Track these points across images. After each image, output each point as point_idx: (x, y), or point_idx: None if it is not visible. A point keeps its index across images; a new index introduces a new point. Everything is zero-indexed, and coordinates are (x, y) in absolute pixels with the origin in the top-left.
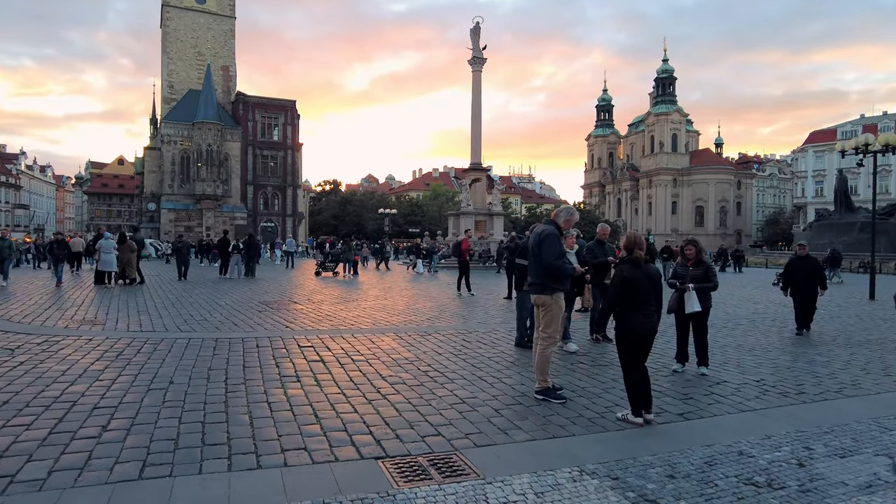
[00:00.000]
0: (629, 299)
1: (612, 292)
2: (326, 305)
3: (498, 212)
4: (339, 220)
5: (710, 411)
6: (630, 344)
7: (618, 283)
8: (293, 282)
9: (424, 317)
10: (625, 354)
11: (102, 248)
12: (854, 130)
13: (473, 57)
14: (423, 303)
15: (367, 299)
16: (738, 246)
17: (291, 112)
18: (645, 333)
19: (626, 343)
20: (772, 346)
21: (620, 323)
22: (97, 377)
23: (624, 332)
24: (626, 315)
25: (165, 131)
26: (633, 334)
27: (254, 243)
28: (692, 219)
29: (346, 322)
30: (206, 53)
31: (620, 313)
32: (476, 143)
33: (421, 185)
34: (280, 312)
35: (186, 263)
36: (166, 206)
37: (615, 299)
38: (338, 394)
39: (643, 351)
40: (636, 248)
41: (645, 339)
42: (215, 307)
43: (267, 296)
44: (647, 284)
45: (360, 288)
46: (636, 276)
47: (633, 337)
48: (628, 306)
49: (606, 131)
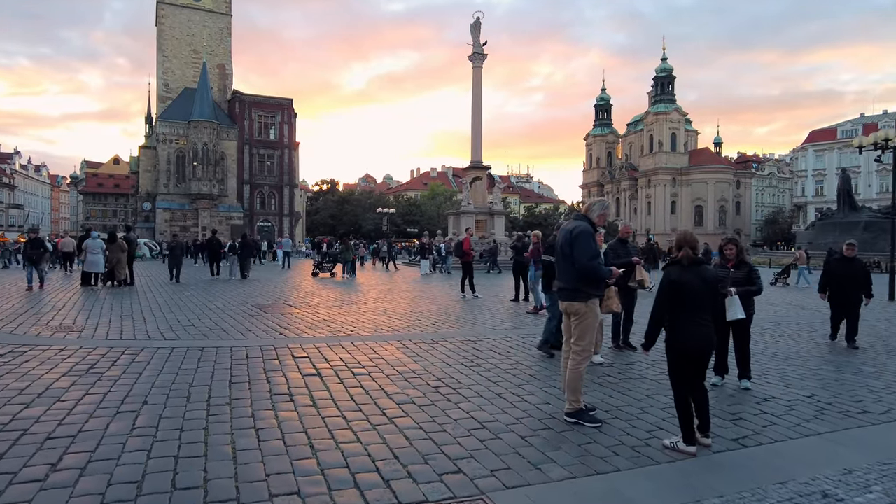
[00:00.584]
0: (679, 306)
1: (659, 299)
2: (324, 309)
3: (499, 211)
4: (336, 220)
5: (768, 435)
6: (681, 359)
7: (665, 288)
8: (289, 283)
9: (429, 321)
10: (676, 371)
11: (89, 248)
12: (854, 129)
13: (474, 53)
14: (426, 306)
15: (367, 302)
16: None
17: (288, 110)
18: (698, 347)
19: (677, 358)
20: (808, 355)
21: (670, 335)
22: (59, 397)
23: (674, 345)
24: (675, 325)
25: (161, 130)
26: (685, 348)
27: (248, 243)
28: (691, 218)
29: (344, 328)
30: (201, 51)
31: (669, 323)
32: (476, 140)
33: (419, 184)
34: (274, 317)
35: (179, 265)
36: (162, 205)
37: (662, 307)
38: (337, 417)
39: (699, 367)
40: (687, 247)
41: (699, 354)
42: (205, 311)
43: (261, 298)
44: (702, 289)
45: (359, 290)
46: (687, 280)
47: (684, 351)
48: (679, 315)
49: (605, 131)
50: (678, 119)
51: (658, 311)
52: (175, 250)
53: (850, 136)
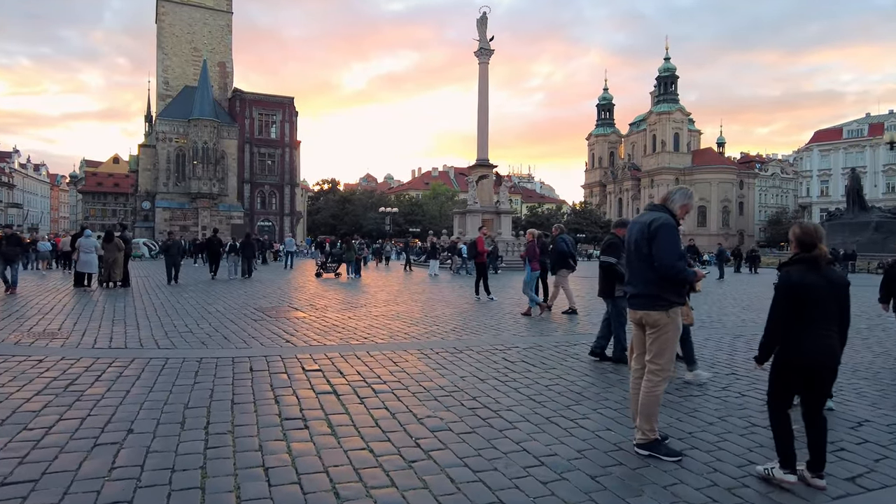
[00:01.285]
0: (799, 314)
1: (779, 306)
2: (332, 313)
3: (506, 210)
4: (337, 220)
5: (882, 471)
6: (796, 375)
7: (787, 293)
8: (292, 284)
9: (448, 327)
10: (780, 388)
11: (82, 246)
12: (860, 129)
13: (480, 48)
14: (441, 309)
15: (377, 304)
16: (754, 246)
17: (289, 109)
18: (820, 362)
19: (788, 373)
20: (874, 366)
21: (784, 345)
22: (26, 424)
23: (787, 359)
24: (793, 335)
25: (160, 128)
26: (802, 362)
27: (250, 242)
28: (695, 219)
29: (357, 334)
30: (202, 49)
31: (786, 333)
32: (483, 137)
33: (420, 184)
34: (279, 322)
35: (177, 265)
36: (161, 204)
37: (783, 315)
38: (362, 450)
39: (819, 386)
40: (817, 243)
41: (819, 370)
42: (204, 315)
43: (263, 301)
44: (828, 294)
45: (366, 291)
46: (812, 283)
47: (801, 366)
48: (798, 323)
49: (607, 130)
50: (681, 119)
51: (777, 321)
52: (171, 249)
53: (856, 136)
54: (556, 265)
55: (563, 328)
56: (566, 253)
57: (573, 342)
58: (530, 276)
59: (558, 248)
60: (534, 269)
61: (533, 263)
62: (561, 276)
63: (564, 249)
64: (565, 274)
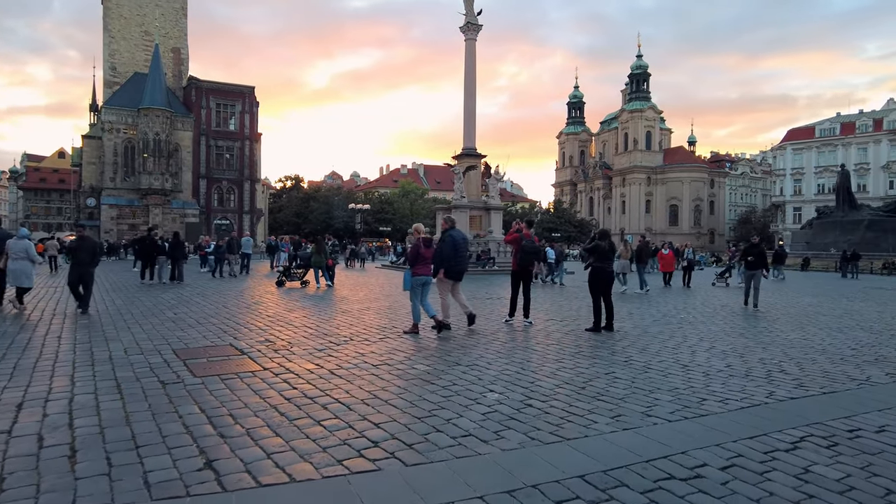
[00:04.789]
0: None
1: None
2: (301, 359)
3: (496, 205)
4: (301, 218)
5: None
6: None
7: None
8: (244, 298)
9: (547, 390)
10: None
11: (11, 251)
12: (833, 128)
13: (467, 23)
14: (470, 345)
15: (371, 334)
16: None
17: (249, 99)
18: None
19: None
20: None
21: None
22: None
23: None
24: None
25: (107, 118)
26: None
27: (180, 243)
28: (666, 218)
29: (361, 427)
30: (153, 33)
31: None
32: (470, 124)
33: (389, 181)
34: (203, 391)
35: (84, 278)
36: (108, 201)
37: None
38: None
39: None
40: None
41: None
42: (73, 372)
43: (194, 330)
44: None
45: (346, 309)
46: None
47: None
48: None
49: (578, 129)
50: (653, 117)
51: None
52: (79, 253)
53: (829, 136)
54: (436, 269)
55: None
56: (442, 256)
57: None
58: (410, 282)
59: (438, 248)
60: (416, 274)
61: (416, 267)
62: (440, 282)
63: (444, 251)
64: (447, 281)
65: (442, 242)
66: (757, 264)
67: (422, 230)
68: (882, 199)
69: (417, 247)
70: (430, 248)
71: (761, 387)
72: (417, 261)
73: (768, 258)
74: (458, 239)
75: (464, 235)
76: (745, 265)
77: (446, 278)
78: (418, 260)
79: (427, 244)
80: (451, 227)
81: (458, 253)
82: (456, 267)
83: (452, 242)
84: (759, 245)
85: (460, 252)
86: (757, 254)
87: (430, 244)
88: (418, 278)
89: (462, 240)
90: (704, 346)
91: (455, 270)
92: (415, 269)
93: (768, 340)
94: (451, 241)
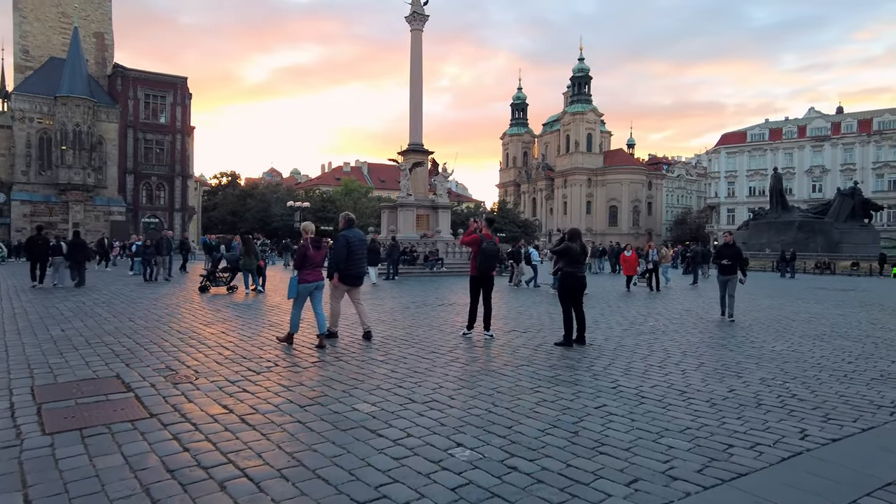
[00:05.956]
0: None
1: None
2: (207, 400)
3: (444, 204)
4: (237, 217)
5: None
6: None
7: None
8: (158, 307)
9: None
10: None
11: None
12: (762, 133)
13: (413, 13)
14: (423, 370)
15: (301, 362)
16: (715, 242)
17: (181, 90)
18: None
19: None
20: None
21: None
22: None
23: None
24: None
25: (18, 105)
26: None
27: (80, 242)
28: (606, 218)
29: None
30: (72, 15)
31: None
32: (416, 119)
33: (331, 179)
34: (37, 468)
35: None
36: (19, 196)
37: None
38: None
39: None
40: None
41: None
42: None
43: (75, 353)
44: None
45: (277, 321)
46: None
47: None
48: None
49: (521, 130)
50: (594, 120)
51: None
52: None
53: (759, 140)
54: (329, 273)
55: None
56: (335, 258)
57: None
58: (296, 289)
59: (331, 249)
60: (303, 281)
61: (303, 272)
62: (334, 287)
63: (337, 253)
64: (341, 287)
65: (336, 243)
66: (733, 268)
67: (310, 230)
68: (806, 201)
69: (305, 249)
70: (320, 249)
71: (785, 421)
72: (305, 264)
73: (712, 258)
74: (352, 239)
75: (361, 236)
76: (718, 269)
77: (341, 283)
78: (305, 263)
79: (316, 245)
80: (348, 227)
81: (353, 255)
82: (351, 271)
83: (346, 243)
84: (733, 245)
85: (356, 254)
86: (732, 255)
87: (320, 246)
88: (306, 285)
89: (358, 240)
90: (691, 362)
91: (350, 275)
92: (301, 275)
93: (756, 354)
94: (344, 242)
